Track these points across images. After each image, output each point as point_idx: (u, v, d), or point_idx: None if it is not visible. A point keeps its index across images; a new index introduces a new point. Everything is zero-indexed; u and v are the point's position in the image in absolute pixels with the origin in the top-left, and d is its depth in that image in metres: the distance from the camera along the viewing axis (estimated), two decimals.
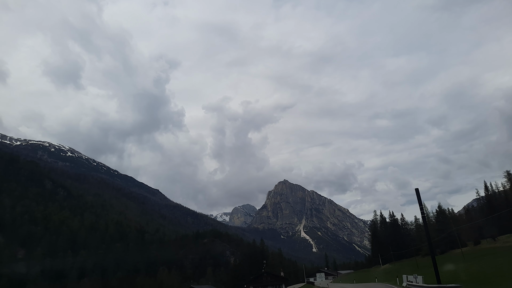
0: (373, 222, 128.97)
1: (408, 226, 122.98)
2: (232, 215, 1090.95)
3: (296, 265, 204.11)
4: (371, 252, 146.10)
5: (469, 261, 57.13)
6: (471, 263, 53.52)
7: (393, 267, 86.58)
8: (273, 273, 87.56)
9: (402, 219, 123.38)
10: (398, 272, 59.14)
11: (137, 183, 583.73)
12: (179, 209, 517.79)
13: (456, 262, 56.24)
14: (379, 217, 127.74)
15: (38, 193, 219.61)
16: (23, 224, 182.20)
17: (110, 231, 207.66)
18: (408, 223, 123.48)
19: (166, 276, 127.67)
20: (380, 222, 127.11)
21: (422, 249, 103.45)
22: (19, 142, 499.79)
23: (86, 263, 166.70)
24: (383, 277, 62.65)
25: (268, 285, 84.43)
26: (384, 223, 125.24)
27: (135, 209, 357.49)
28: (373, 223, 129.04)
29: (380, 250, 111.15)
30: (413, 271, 55.33)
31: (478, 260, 55.26)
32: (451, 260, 61.04)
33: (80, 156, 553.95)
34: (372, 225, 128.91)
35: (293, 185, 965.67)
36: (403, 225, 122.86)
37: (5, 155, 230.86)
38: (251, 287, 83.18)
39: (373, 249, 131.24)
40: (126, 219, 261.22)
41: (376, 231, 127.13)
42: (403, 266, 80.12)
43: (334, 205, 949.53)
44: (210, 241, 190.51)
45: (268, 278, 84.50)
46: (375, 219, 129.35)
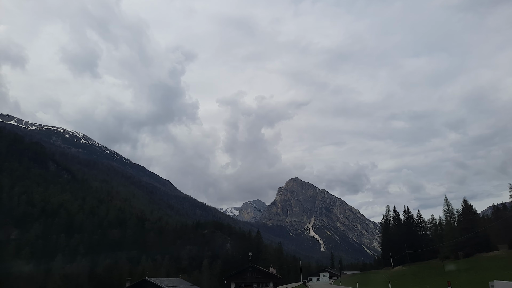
0: (384, 218, 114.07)
1: (426, 225, 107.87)
2: (241, 210, 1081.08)
3: (299, 263, 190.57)
4: (380, 252, 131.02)
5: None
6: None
7: (408, 270, 72.35)
8: (260, 269, 73.66)
9: (418, 216, 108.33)
10: (416, 277, 45.39)
11: (148, 173, 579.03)
12: (188, 201, 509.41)
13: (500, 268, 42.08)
14: (392, 213, 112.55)
15: (40, 175, 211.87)
16: (20, 204, 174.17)
17: (110, 217, 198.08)
18: (425, 221, 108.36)
19: (149, 267, 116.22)
20: (393, 218, 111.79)
21: (440, 251, 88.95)
22: (34, 127, 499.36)
23: (78, 247, 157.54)
24: (398, 281, 48.91)
25: (253, 282, 71.13)
26: (398, 220, 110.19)
27: (142, 198, 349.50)
28: (384, 220, 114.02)
29: (392, 250, 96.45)
30: (435, 275, 41.54)
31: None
32: (487, 266, 46.81)
33: (93, 143, 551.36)
34: (384, 222, 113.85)
35: (304, 182, 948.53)
36: (420, 224, 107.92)
37: (9, 134, 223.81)
38: (233, 284, 70.20)
39: (383, 248, 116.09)
40: (130, 206, 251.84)
41: (388, 228, 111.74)
42: (422, 269, 66.14)
43: (345, 205, 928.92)
44: (210, 232, 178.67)
45: (254, 274, 70.35)
46: (387, 215, 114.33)
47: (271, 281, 68.01)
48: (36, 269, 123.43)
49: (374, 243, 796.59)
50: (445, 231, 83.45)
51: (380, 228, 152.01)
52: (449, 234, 78.72)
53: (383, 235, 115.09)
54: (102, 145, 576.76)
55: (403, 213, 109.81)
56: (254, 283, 67.64)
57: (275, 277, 69.67)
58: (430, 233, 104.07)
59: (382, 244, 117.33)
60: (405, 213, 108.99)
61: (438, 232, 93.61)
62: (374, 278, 68.20)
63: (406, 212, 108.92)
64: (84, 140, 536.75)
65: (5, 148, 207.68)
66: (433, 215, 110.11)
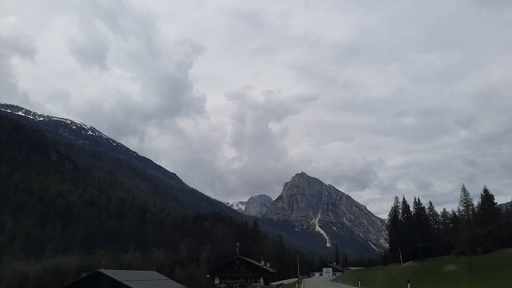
0: (393, 210, 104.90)
1: (438, 218, 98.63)
2: (248, 204, 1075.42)
3: (303, 258, 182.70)
4: (388, 247, 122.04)
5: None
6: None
7: (421, 266, 63.54)
8: (250, 261, 65.19)
9: (430, 208, 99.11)
10: (433, 274, 36.95)
11: (154, 166, 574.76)
12: (194, 194, 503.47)
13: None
14: (402, 204, 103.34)
15: (40, 164, 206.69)
16: (17, 193, 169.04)
17: (110, 208, 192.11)
18: (437, 214, 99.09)
19: (136, 258, 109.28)
20: (403, 210, 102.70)
21: (454, 246, 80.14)
22: (42, 118, 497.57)
23: (74, 237, 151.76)
24: (413, 279, 40.38)
25: (240, 276, 62.01)
26: (407, 213, 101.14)
27: (147, 190, 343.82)
28: (393, 212, 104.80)
29: (401, 245, 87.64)
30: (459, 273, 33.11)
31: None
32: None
33: (100, 135, 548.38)
34: (392, 214, 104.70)
35: (310, 178, 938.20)
36: (432, 216, 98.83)
37: (10, 122, 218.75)
38: (217, 278, 61.90)
39: (391, 243, 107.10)
40: (132, 197, 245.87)
41: (397, 221, 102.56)
42: (437, 264, 57.46)
43: (352, 201, 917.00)
44: (210, 224, 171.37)
45: (242, 267, 62.35)
46: (395, 207, 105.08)
47: (261, 276, 59.93)
48: (26, 260, 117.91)
49: (381, 239, 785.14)
50: (461, 223, 74.68)
51: (388, 224, 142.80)
52: (465, 227, 70.03)
53: (391, 229, 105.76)
54: (109, 137, 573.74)
55: (413, 205, 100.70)
56: (241, 278, 59.62)
57: (265, 272, 61.31)
58: (443, 226, 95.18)
59: (390, 238, 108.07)
60: (416, 205, 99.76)
61: (452, 226, 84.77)
62: (380, 275, 59.83)
63: (417, 203, 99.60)
64: (91, 132, 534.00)
65: (6, 136, 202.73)
66: (445, 208, 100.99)
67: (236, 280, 58.96)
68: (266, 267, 66.25)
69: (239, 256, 62.21)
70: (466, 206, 76.11)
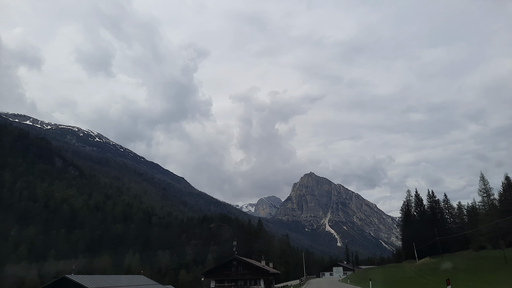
0: (405, 204, 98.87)
1: (454, 211, 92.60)
2: (257, 206, 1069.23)
3: (313, 258, 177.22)
4: (401, 243, 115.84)
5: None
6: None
7: (440, 263, 57.56)
8: (248, 262, 58.19)
9: (445, 200, 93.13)
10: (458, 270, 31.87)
11: (162, 170, 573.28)
12: (202, 197, 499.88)
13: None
14: (414, 198, 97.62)
15: (44, 170, 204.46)
16: (21, 200, 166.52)
17: (115, 212, 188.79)
18: (453, 207, 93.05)
19: (135, 262, 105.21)
20: (416, 204, 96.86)
21: (472, 240, 74.45)
22: (49, 126, 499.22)
23: (78, 243, 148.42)
24: (437, 277, 34.82)
25: (238, 278, 55.59)
26: (421, 206, 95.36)
27: (155, 194, 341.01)
28: (405, 206, 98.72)
29: (415, 240, 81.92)
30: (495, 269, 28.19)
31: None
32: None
33: (107, 141, 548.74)
34: (405, 209, 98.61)
35: (319, 178, 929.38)
36: (447, 209, 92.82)
37: (14, 130, 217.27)
38: (213, 281, 56.54)
39: (404, 239, 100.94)
40: (139, 202, 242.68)
41: (409, 216, 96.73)
42: (458, 259, 51.88)
43: (362, 200, 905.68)
44: (217, 226, 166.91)
45: (240, 268, 55.87)
46: (408, 200, 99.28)
47: (261, 278, 54.93)
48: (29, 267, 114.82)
49: (392, 237, 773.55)
50: (481, 215, 69.00)
51: (400, 221, 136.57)
52: (485, 219, 64.48)
53: (404, 224, 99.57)
54: (116, 143, 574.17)
55: (426, 198, 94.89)
56: (239, 280, 54.29)
57: (266, 272, 55.86)
58: (460, 220, 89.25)
59: (403, 234, 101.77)
60: (429, 198, 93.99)
61: (470, 218, 79.01)
62: (394, 273, 54.37)
63: (431, 196, 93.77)
64: (99, 139, 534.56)
65: (9, 144, 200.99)
66: (461, 201, 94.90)
67: (233, 283, 53.62)
68: (267, 267, 60.59)
69: (237, 256, 56.81)
70: (485, 196, 70.19)
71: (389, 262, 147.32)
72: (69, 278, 31.11)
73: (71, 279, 30.84)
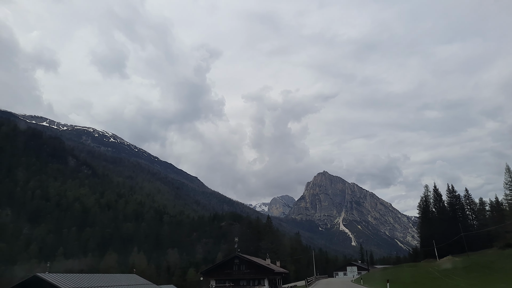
0: (423, 200, 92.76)
1: (476, 207, 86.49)
2: (270, 206, 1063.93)
3: (327, 257, 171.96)
4: (419, 241, 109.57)
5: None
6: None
7: (466, 261, 52.24)
8: (251, 260, 52.02)
9: (467, 196, 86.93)
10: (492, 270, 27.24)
11: (176, 170, 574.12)
12: (216, 196, 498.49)
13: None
14: (433, 192, 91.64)
15: (57, 169, 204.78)
16: (34, 199, 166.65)
17: (127, 211, 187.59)
18: (475, 203, 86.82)
19: (139, 258, 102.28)
20: (434, 199, 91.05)
21: (496, 237, 68.75)
22: (65, 127, 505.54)
23: (89, 241, 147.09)
24: (467, 277, 30.00)
25: (240, 278, 50.40)
26: (440, 202, 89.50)
27: (168, 194, 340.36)
28: (423, 202, 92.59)
29: (434, 238, 76.37)
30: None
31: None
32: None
33: (122, 142, 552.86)
34: (423, 205, 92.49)
35: (332, 176, 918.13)
36: (469, 205, 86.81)
37: (28, 130, 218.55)
38: (213, 281, 52.16)
39: (422, 237, 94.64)
40: (152, 201, 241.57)
41: (428, 212, 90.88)
42: (484, 259, 46.62)
43: (376, 199, 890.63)
44: (228, 224, 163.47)
45: (242, 267, 50.52)
46: (426, 196, 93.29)
47: (265, 277, 49.92)
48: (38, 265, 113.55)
49: (408, 237, 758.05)
50: (508, 210, 63.37)
51: (417, 217, 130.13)
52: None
53: (422, 221, 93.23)
54: (131, 143, 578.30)
55: (446, 194, 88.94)
56: (242, 280, 49.88)
57: (270, 272, 51.27)
58: (482, 216, 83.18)
59: (421, 231, 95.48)
60: (449, 193, 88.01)
61: (494, 214, 73.18)
62: (414, 273, 49.34)
63: (451, 192, 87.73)
64: (113, 139, 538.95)
65: (23, 144, 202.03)
66: (482, 197, 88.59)
67: (232, 283, 49.11)
68: (273, 266, 56.04)
69: (239, 254, 52.54)
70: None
71: (405, 262, 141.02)
72: (40, 277, 27.88)
73: (43, 278, 27.58)
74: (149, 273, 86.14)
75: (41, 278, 28.21)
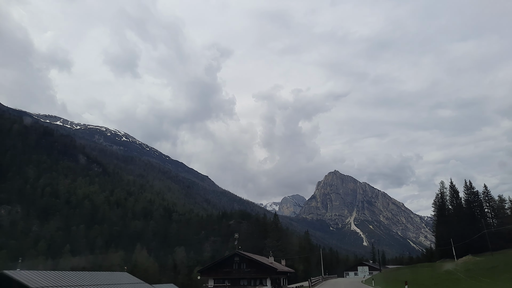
0: (439, 197, 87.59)
1: (496, 204, 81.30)
2: (281, 205, 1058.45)
3: (337, 256, 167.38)
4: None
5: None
6: None
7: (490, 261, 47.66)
8: (253, 259, 48.03)
9: (485, 192, 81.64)
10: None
11: (187, 169, 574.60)
12: (226, 195, 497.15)
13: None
14: (449, 189, 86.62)
15: (68, 167, 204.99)
16: (44, 196, 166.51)
17: (136, 209, 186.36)
18: (494, 199, 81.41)
19: (140, 255, 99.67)
20: (451, 196, 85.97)
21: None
22: (78, 126, 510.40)
23: (97, 239, 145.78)
24: (491, 279, 26.12)
25: (241, 277, 46.56)
26: (457, 199, 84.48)
27: (178, 192, 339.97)
28: (439, 199, 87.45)
29: (451, 236, 71.69)
30: None
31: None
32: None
33: (134, 141, 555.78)
34: (438, 202, 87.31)
35: (344, 176, 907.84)
36: (488, 202, 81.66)
37: (39, 127, 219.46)
38: (211, 280, 48.58)
39: (438, 235, 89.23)
40: (162, 199, 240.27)
41: (444, 209, 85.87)
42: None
43: (388, 199, 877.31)
44: (236, 223, 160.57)
45: (243, 266, 46.98)
46: (442, 193, 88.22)
47: (268, 277, 45.90)
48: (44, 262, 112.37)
49: (421, 237, 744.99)
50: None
51: (429, 217, 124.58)
52: None
53: (438, 219, 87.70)
54: (142, 142, 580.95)
55: (463, 190, 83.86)
56: (242, 279, 45.88)
57: (273, 271, 46.49)
58: (502, 214, 78.06)
59: (437, 230, 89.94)
60: (467, 189, 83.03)
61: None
62: (432, 274, 45.05)
63: (468, 188, 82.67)
64: (125, 138, 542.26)
65: (34, 142, 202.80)
66: (501, 195, 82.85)
67: (234, 282, 45.46)
68: (277, 264, 52.11)
69: (239, 251, 48.94)
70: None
71: (419, 262, 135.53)
72: (8, 275, 24.92)
73: (10, 276, 24.62)
74: (152, 271, 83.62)
75: (8, 276, 25.32)
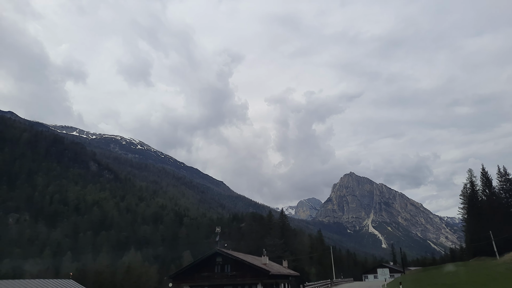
0: (467, 187, 75.58)
1: None
2: (297, 209, 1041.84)
3: (355, 259, 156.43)
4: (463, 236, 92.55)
5: None
6: None
7: None
8: (239, 259, 37.59)
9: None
10: None
11: (202, 175, 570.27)
12: (241, 200, 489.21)
13: None
14: (481, 178, 74.21)
15: (79, 174, 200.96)
16: (52, 203, 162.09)
17: (146, 214, 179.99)
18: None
19: (136, 263, 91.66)
20: (483, 185, 74.24)
21: None
22: (94, 136, 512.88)
23: (104, 244, 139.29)
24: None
25: (224, 284, 36.64)
26: (490, 188, 72.95)
27: (192, 198, 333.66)
28: (468, 189, 75.51)
29: (485, 231, 61.01)
30: None
31: None
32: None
33: (149, 149, 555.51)
34: (468, 192, 75.34)
35: (360, 177, 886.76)
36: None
37: (50, 135, 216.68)
38: (186, 286, 39.14)
39: (468, 230, 77.47)
40: (175, 204, 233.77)
41: (475, 200, 74.23)
42: None
43: (406, 199, 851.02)
44: (248, 225, 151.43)
45: (227, 268, 37.17)
46: (471, 182, 76.23)
47: (259, 281, 35.77)
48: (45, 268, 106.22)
49: (441, 238, 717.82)
50: None
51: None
52: None
53: (468, 211, 75.63)
54: (157, 150, 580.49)
55: (497, 177, 72.20)
56: (227, 286, 36.15)
57: (264, 274, 35.75)
58: None
59: (467, 224, 78.40)
60: (501, 176, 71.59)
61: None
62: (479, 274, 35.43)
63: (503, 175, 71.25)
64: (140, 146, 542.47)
65: (44, 150, 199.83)
66: None
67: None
68: (274, 267, 42.10)
69: (220, 249, 39.10)
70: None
71: (442, 263, 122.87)
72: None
73: None
74: (146, 275, 75.69)
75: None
